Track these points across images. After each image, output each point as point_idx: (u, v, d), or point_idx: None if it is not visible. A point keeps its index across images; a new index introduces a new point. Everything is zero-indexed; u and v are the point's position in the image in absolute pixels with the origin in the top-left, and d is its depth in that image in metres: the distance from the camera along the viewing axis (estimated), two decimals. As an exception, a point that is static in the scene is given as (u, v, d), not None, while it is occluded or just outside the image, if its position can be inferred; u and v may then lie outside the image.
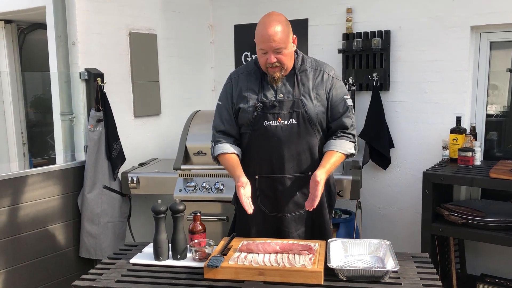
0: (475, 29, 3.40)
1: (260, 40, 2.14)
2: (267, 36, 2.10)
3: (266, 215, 2.30)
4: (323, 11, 3.90)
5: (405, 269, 1.88)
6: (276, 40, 2.10)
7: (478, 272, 3.49)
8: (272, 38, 2.10)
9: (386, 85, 3.68)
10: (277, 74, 2.19)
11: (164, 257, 2.03)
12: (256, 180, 2.26)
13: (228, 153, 2.25)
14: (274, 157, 2.23)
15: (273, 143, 2.21)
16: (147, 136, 3.84)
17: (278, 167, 2.23)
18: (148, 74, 3.78)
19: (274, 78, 2.20)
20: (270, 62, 2.14)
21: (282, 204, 2.26)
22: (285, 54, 2.15)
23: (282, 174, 2.24)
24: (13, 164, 4.25)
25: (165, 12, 3.94)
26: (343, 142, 2.24)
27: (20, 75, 4.27)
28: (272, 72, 2.19)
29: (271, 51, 2.12)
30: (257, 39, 2.16)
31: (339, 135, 2.26)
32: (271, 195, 2.27)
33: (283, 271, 1.79)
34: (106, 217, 3.25)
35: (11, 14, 3.86)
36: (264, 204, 2.29)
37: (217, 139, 2.30)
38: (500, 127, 3.53)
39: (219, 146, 2.28)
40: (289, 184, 2.24)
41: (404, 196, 3.75)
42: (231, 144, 2.28)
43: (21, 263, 2.98)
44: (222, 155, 2.26)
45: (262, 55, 2.17)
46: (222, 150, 2.26)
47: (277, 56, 2.13)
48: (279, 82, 2.22)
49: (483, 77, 3.46)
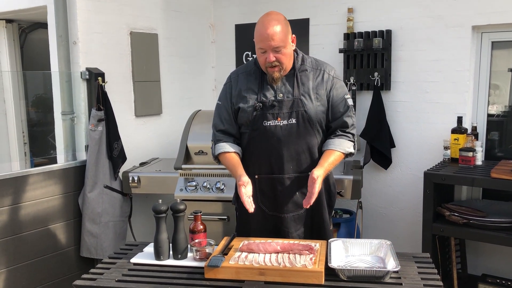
0: (477, 28, 3.40)
1: (259, 39, 2.14)
2: (266, 35, 2.10)
3: (266, 214, 2.30)
4: (324, 11, 3.89)
5: (406, 269, 1.87)
6: (275, 39, 2.10)
7: (479, 272, 3.49)
8: (271, 37, 2.10)
9: (387, 85, 3.68)
10: (276, 74, 2.19)
11: (164, 257, 2.03)
12: (256, 180, 2.26)
13: (228, 152, 2.26)
14: (273, 156, 2.23)
15: (272, 142, 2.21)
16: (148, 135, 3.84)
17: (277, 167, 2.23)
18: (149, 74, 3.78)
19: (273, 78, 2.20)
20: (269, 61, 2.14)
21: (281, 203, 2.26)
22: (284, 53, 2.15)
23: (281, 174, 2.24)
24: (14, 163, 4.25)
25: (166, 11, 3.94)
26: (342, 141, 2.25)
27: (21, 75, 4.27)
28: (271, 72, 2.19)
29: (270, 50, 2.13)
30: (256, 39, 2.17)
31: (338, 134, 2.26)
32: (271, 194, 2.27)
33: (284, 271, 1.78)
34: (107, 217, 3.25)
35: (12, 13, 3.87)
36: (264, 203, 2.29)
37: (218, 138, 2.30)
38: (501, 127, 3.53)
39: (220, 145, 2.28)
40: (289, 184, 2.24)
41: (405, 196, 3.74)
42: (231, 144, 2.28)
43: (22, 263, 2.98)
44: (223, 154, 2.27)
45: (261, 54, 2.17)
46: (222, 149, 2.26)
47: (276, 55, 2.14)
48: (279, 82, 2.22)
49: (484, 77, 3.45)
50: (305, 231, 2.32)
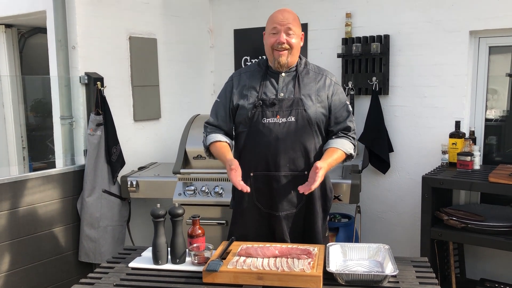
0: (474, 33, 3.41)
1: (273, 21, 2.24)
2: (281, 16, 2.23)
3: (261, 212, 2.31)
4: (323, 16, 3.91)
5: (404, 273, 1.88)
6: (290, 21, 2.22)
7: (478, 276, 3.48)
8: (286, 18, 2.22)
9: (386, 90, 3.69)
10: (283, 59, 2.24)
11: (163, 261, 2.03)
12: (251, 176, 2.28)
13: (219, 141, 2.32)
14: (270, 153, 2.24)
15: (269, 139, 2.24)
16: (147, 140, 3.84)
17: (273, 164, 2.25)
18: (148, 78, 3.79)
19: (279, 62, 2.25)
20: (280, 42, 2.21)
21: (276, 201, 2.28)
22: (294, 39, 2.24)
23: (277, 171, 2.25)
24: (13, 168, 4.25)
25: (165, 16, 3.95)
26: (344, 141, 2.30)
27: (21, 79, 4.27)
28: (278, 56, 2.24)
29: (282, 30, 2.22)
30: (269, 22, 2.26)
31: (340, 135, 2.31)
32: (266, 192, 2.29)
33: (282, 275, 1.78)
34: (105, 221, 3.25)
35: (12, 18, 3.87)
36: (260, 201, 2.30)
37: (209, 130, 2.38)
38: (499, 131, 3.54)
39: (211, 136, 2.35)
40: (284, 182, 2.26)
41: (404, 200, 3.75)
42: (222, 135, 2.35)
43: (20, 267, 2.98)
44: (213, 144, 2.32)
45: (272, 36, 2.24)
46: (213, 139, 2.32)
47: (287, 38, 2.22)
48: (284, 69, 2.27)
49: (482, 82, 3.47)
50: (297, 232, 2.32)
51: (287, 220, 2.30)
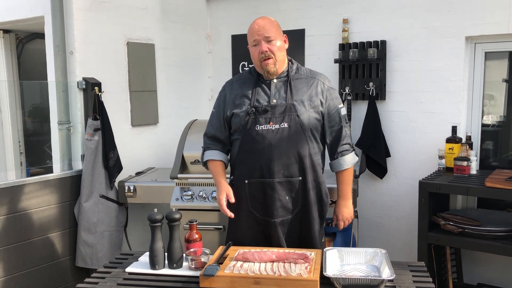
0: (470, 39, 3.43)
1: (251, 33, 2.27)
2: (257, 26, 2.25)
3: (257, 219, 2.32)
4: (320, 22, 3.93)
5: (401, 278, 1.88)
6: (266, 28, 2.24)
7: (475, 281, 3.49)
8: (262, 27, 2.25)
9: (382, 95, 3.70)
10: (271, 67, 2.26)
11: (160, 266, 2.03)
12: (246, 184, 2.28)
13: (215, 160, 2.41)
14: (264, 160, 2.26)
15: (263, 146, 2.25)
16: (144, 145, 3.85)
17: (267, 171, 2.26)
18: (145, 84, 3.80)
19: (268, 72, 2.27)
20: (262, 51, 2.23)
21: (271, 208, 2.28)
22: (276, 45, 2.25)
23: (271, 177, 2.26)
24: (10, 173, 4.24)
25: (163, 22, 3.97)
26: (346, 158, 2.39)
27: (18, 84, 4.27)
28: (265, 66, 2.26)
29: (262, 40, 2.24)
30: (248, 35, 2.29)
31: (339, 151, 2.39)
32: (261, 199, 2.30)
33: (279, 280, 1.79)
34: (102, 226, 3.24)
35: (10, 24, 3.88)
36: (255, 208, 2.31)
37: (207, 145, 2.45)
38: (496, 136, 3.55)
39: (208, 153, 2.44)
40: (279, 189, 2.26)
41: (401, 205, 3.75)
42: (219, 152, 2.42)
43: (17, 272, 2.97)
44: (210, 161, 2.43)
45: (255, 49, 2.27)
46: (209, 157, 2.43)
47: (269, 46, 2.24)
48: (274, 77, 2.30)
49: (478, 87, 3.48)
50: (294, 238, 2.33)
51: (283, 226, 2.30)
